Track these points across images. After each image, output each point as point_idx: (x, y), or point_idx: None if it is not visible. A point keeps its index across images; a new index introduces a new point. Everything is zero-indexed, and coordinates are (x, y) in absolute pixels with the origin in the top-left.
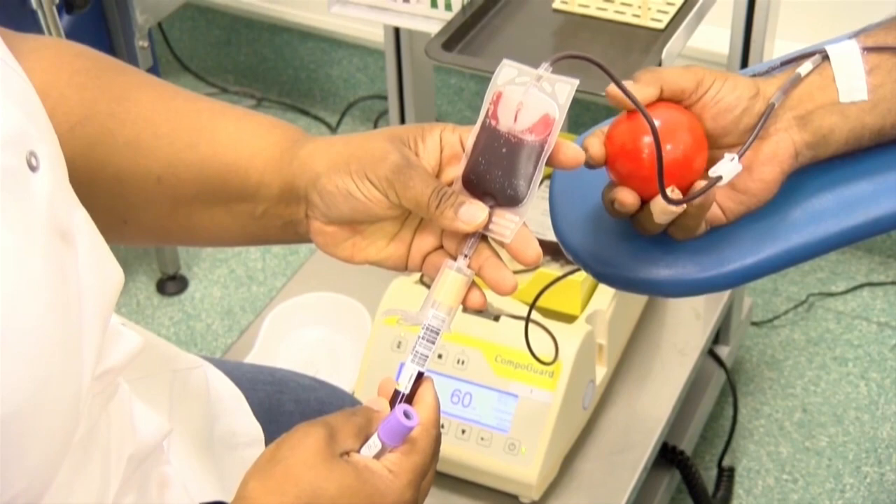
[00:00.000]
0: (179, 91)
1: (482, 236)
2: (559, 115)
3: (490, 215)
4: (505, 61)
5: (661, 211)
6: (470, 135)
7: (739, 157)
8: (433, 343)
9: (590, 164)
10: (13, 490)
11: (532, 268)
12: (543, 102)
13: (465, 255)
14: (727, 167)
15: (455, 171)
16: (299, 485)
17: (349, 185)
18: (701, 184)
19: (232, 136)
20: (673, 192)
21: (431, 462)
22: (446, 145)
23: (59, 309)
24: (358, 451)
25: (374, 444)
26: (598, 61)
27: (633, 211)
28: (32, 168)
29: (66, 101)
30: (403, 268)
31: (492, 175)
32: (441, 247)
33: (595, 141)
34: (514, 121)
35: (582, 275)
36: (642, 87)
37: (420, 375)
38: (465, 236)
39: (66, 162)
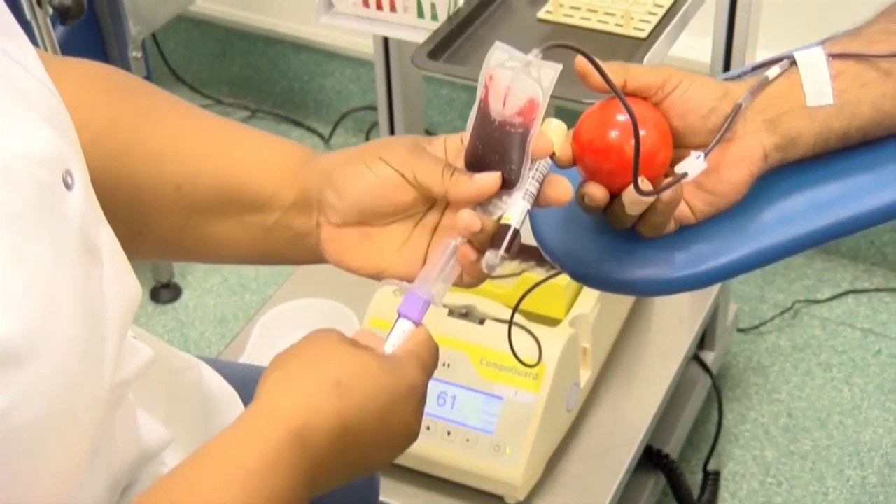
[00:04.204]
0: (206, 111)
1: None
2: (543, 98)
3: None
4: (497, 43)
5: (632, 202)
6: (469, 118)
7: (706, 156)
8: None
9: (558, 165)
10: (39, 490)
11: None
12: (529, 87)
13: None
14: (693, 164)
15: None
16: (325, 368)
17: (361, 168)
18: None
19: (253, 149)
20: (643, 183)
21: (428, 366)
22: (450, 146)
23: (86, 321)
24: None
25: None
26: (582, 50)
27: (603, 205)
28: (68, 186)
29: (93, 114)
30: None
31: (490, 159)
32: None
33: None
34: (503, 105)
35: (565, 278)
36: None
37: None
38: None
39: None
